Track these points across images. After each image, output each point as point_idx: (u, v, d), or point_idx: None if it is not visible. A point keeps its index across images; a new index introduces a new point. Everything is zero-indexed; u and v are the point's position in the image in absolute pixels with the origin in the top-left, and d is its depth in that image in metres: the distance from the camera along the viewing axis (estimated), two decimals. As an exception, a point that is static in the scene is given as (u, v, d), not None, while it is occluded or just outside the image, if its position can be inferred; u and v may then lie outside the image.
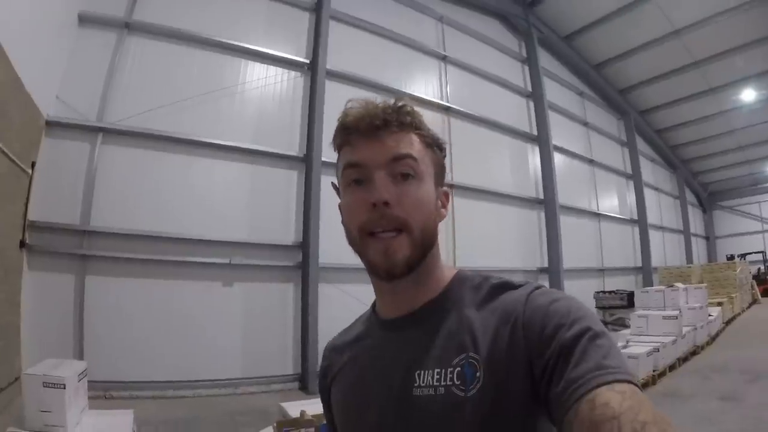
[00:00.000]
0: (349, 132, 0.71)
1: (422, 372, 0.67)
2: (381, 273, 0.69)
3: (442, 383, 0.64)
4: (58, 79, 5.58)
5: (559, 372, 0.55)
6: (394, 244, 0.66)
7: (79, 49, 5.79)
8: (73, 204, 5.51)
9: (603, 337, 0.57)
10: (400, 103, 0.72)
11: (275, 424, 2.66)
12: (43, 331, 5.01)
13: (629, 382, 0.52)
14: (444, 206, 0.76)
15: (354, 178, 0.70)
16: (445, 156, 0.78)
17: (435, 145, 0.75)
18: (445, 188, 0.77)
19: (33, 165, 5.06)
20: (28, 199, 5.00)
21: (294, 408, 2.84)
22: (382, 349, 0.75)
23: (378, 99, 0.72)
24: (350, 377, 0.79)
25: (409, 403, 0.66)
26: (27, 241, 5.01)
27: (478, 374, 0.62)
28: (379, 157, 0.68)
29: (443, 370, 0.65)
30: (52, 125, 5.46)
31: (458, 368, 0.64)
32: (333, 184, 0.78)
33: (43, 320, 5.05)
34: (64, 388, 2.61)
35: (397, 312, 0.75)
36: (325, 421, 0.91)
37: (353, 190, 0.70)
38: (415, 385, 0.66)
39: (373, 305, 0.83)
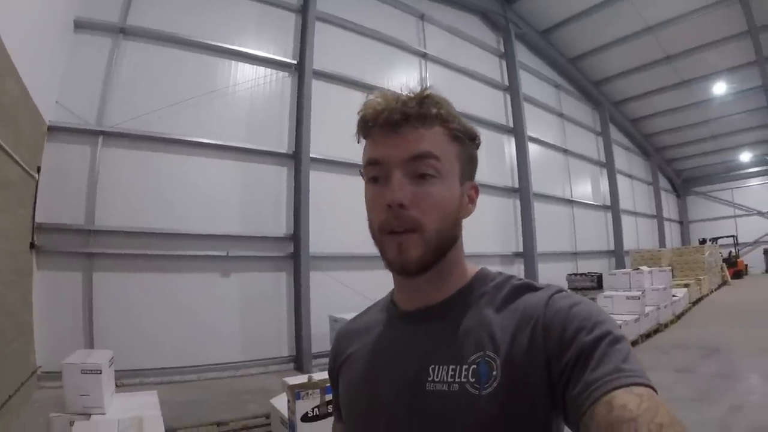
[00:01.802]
0: (369, 126, 0.69)
1: (437, 367, 0.65)
2: (396, 270, 0.69)
3: (457, 380, 0.63)
4: (57, 84, 5.66)
5: (577, 374, 0.55)
6: (406, 242, 0.65)
7: (76, 54, 5.88)
8: (78, 205, 5.70)
9: (622, 342, 0.57)
10: (424, 94, 0.68)
11: (287, 389, 2.86)
12: (55, 327, 5.26)
13: (647, 385, 0.52)
14: (472, 201, 0.74)
15: (373, 175, 0.69)
16: (478, 146, 0.74)
17: (464, 137, 0.71)
18: (474, 182, 0.75)
19: (38, 170, 5.21)
20: (35, 202, 5.16)
21: (295, 382, 2.98)
22: (397, 340, 0.73)
23: (404, 90, 0.70)
24: (361, 365, 0.77)
25: (421, 398, 0.65)
26: (36, 243, 5.18)
27: (494, 373, 0.61)
28: (397, 154, 0.66)
29: (458, 367, 0.64)
30: (54, 130, 5.56)
31: (474, 366, 0.63)
32: (360, 172, 0.74)
33: (54, 317, 5.28)
34: (101, 373, 2.88)
35: (415, 305, 0.74)
36: (328, 384, 0.93)
37: (373, 187, 0.69)
38: (429, 379, 0.65)
39: (392, 293, 0.81)
